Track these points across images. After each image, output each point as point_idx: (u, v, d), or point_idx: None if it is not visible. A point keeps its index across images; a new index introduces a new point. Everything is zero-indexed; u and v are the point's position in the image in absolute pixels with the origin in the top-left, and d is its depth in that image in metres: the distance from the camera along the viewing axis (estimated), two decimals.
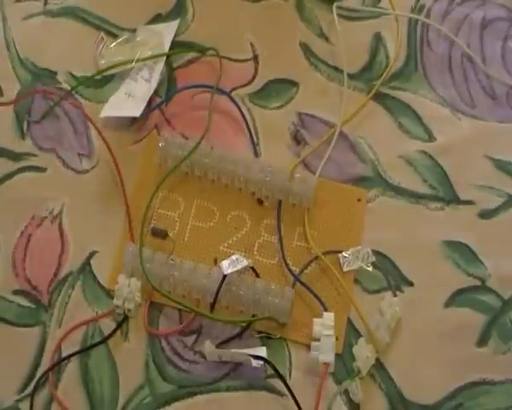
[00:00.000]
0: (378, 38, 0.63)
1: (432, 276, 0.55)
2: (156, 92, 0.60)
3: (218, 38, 0.63)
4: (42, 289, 0.55)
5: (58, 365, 0.53)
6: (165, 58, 0.62)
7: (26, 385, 0.52)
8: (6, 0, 0.65)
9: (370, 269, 0.55)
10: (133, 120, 0.60)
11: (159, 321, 0.54)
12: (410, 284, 0.55)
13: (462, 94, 0.61)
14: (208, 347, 0.51)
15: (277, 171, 0.56)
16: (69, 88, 0.61)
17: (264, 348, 0.51)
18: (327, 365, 0.51)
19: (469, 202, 0.57)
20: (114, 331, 0.53)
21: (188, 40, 0.63)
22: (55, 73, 0.62)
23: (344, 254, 0.55)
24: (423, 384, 0.52)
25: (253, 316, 0.53)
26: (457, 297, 0.54)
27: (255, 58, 0.63)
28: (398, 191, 0.58)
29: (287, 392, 0.50)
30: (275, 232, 0.56)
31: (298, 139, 0.59)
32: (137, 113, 0.58)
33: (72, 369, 0.53)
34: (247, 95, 0.61)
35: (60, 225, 0.57)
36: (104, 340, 0.53)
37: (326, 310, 0.53)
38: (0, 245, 0.56)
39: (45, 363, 0.53)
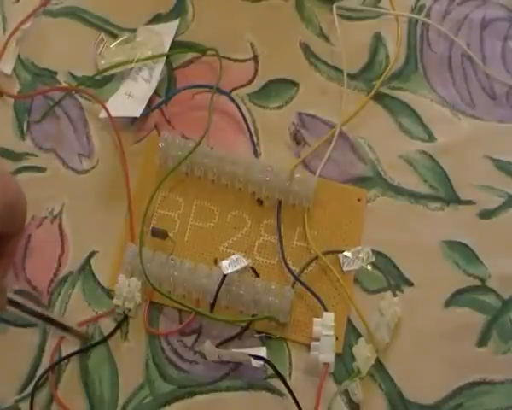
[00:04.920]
0: (378, 38, 0.63)
1: (432, 276, 0.55)
2: (156, 92, 0.60)
3: (218, 38, 0.63)
4: (42, 290, 0.55)
5: (58, 365, 0.53)
6: (165, 58, 0.62)
7: (26, 385, 0.52)
8: (6, 0, 0.65)
9: (370, 269, 0.55)
10: (133, 120, 0.59)
11: (159, 321, 0.54)
12: (410, 284, 0.55)
13: (462, 94, 0.61)
14: (208, 347, 0.51)
15: (277, 171, 0.56)
16: (69, 88, 0.61)
17: (264, 348, 0.51)
18: (327, 365, 0.51)
19: (469, 202, 0.57)
20: (114, 331, 0.53)
21: (188, 40, 0.63)
22: (55, 73, 0.62)
23: (344, 254, 0.55)
24: (423, 384, 0.52)
25: (253, 316, 0.53)
26: (457, 297, 0.54)
27: (255, 58, 0.63)
28: (398, 191, 0.58)
29: (287, 392, 0.50)
30: (275, 232, 0.56)
31: (298, 139, 0.59)
32: (137, 113, 0.58)
33: (72, 369, 0.53)
34: (247, 95, 0.61)
35: (60, 225, 0.57)
36: (104, 340, 0.53)
37: (326, 310, 0.53)
38: None
39: (45, 363, 0.53)
